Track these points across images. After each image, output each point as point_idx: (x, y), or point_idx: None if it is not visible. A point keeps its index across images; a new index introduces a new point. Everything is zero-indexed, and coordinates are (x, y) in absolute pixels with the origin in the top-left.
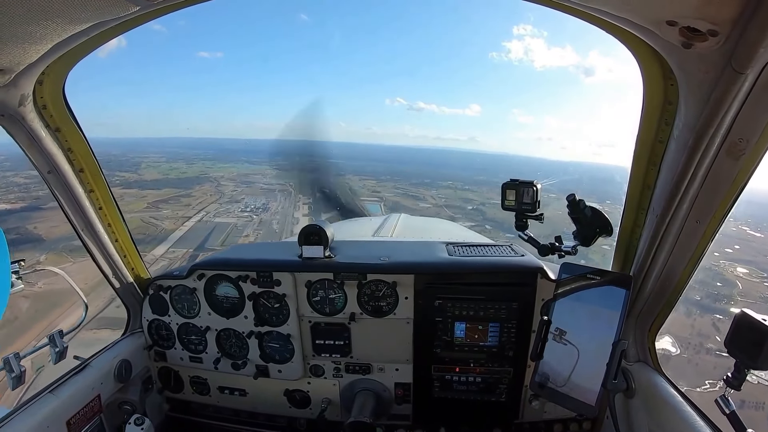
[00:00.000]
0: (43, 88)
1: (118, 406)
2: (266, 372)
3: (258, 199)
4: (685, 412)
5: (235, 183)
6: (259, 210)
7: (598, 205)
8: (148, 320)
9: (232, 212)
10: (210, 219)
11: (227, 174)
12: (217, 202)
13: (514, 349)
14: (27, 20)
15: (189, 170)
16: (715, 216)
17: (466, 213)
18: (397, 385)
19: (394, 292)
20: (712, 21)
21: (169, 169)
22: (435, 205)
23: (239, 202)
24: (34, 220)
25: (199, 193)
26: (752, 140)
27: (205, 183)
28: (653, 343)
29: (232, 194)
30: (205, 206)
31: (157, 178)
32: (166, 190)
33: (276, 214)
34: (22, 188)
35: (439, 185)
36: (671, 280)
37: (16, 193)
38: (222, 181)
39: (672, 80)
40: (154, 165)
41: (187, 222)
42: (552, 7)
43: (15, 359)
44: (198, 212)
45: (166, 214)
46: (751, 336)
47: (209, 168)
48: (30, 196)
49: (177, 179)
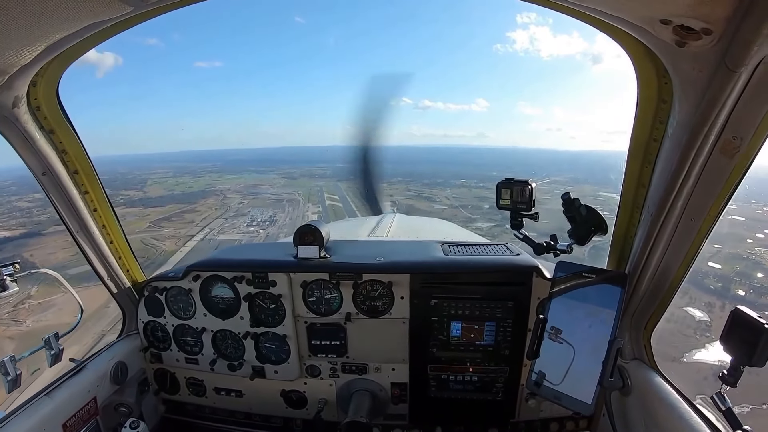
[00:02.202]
0: (37, 90)
1: (114, 408)
2: (262, 373)
3: (264, 211)
4: (681, 408)
5: (242, 195)
6: (266, 223)
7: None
8: (144, 322)
9: (238, 227)
10: (213, 237)
11: (234, 186)
12: (222, 217)
13: (510, 348)
14: (20, 21)
15: (195, 184)
16: (709, 214)
17: (483, 213)
18: (393, 384)
19: (389, 291)
20: (705, 19)
21: (175, 184)
22: (450, 206)
23: (245, 215)
24: (31, 247)
25: (204, 208)
26: (746, 138)
27: (210, 196)
28: (649, 340)
29: (239, 207)
30: (209, 222)
31: (162, 194)
32: (170, 207)
33: (284, 226)
34: (25, 213)
35: (452, 184)
36: (666, 278)
37: (18, 219)
38: (228, 194)
39: (666, 79)
40: (160, 181)
41: (189, 242)
42: (545, 6)
43: (11, 362)
44: (201, 230)
45: (167, 233)
46: (746, 333)
47: (216, 180)
48: (32, 221)
49: (182, 194)
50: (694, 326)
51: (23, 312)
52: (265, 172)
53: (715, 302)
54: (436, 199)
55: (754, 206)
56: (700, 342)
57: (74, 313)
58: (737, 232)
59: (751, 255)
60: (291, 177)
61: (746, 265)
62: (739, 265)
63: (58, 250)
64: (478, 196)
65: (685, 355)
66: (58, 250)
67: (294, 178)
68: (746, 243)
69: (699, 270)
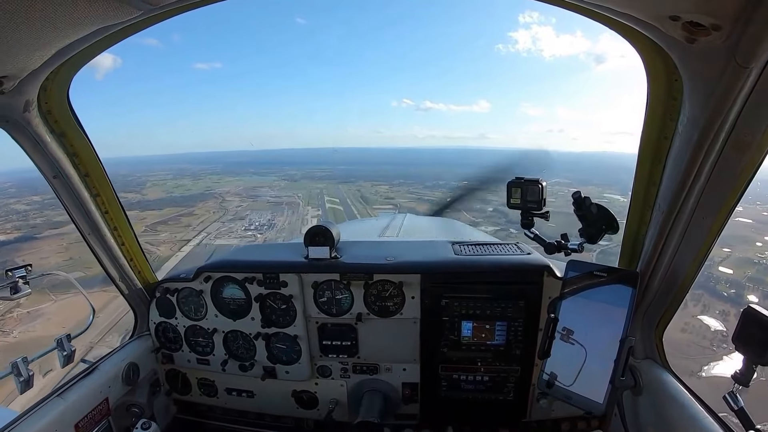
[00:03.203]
0: (48, 94)
1: (126, 408)
2: (274, 373)
3: (263, 214)
4: (694, 408)
5: (241, 197)
6: (264, 227)
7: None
8: (155, 323)
9: (235, 231)
10: (210, 242)
11: (233, 188)
12: (220, 221)
13: (522, 348)
14: (30, 27)
15: (194, 186)
16: (721, 212)
17: (487, 216)
18: (404, 385)
19: (400, 292)
20: (715, 15)
21: (174, 187)
22: (454, 209)
23: (243, 219)
24: (25, 251)
25: (202, 211)
26: (757, 135)
27: (209, 199)
28: (660, 339)
29: (237, 210)
30: (206, 226)
31: (160, 197)
32: (168, 210)
33: (282, 230)
34: (21, 216)
35: (455, 186)
36: (678, 277)
37: (14, 222)
38: (227, 197)
39: (676, 76)
40: (159, 183)
41: (184, 246)
42: (553, 4)
43: (23, 363)
44: (198, 234)
45: (163, 237)
46: (759, 332)
47: (216, 183)
48: (27, 224)
49: (181, 197)
50: (710, 337)
51: (11, 321)
52: (265, 174)
53: (729, 310)
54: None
55: (759, 208)
56: (718, 354)
57: (62, 323)
58: (746, 235)
59: (762, 259)
60: (292, 179)
61: (758, 270)
62: (751, 269)
63: (51, 254)
64: (482, 198)
65: (703, 368)
66: (51, 254)
67: (295, 180)
68: (756, 246)
69: (711, 275)
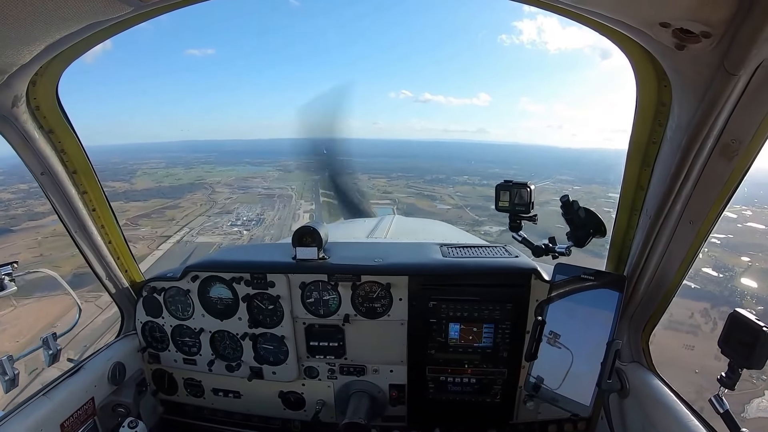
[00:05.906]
0: (37, 89)
1: (112, 408)
2: (260, 374)
3: (252, 207)
4: (679, 411)
5: (231, 189)
6: (252, 223)
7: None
8: (142, 322)
9: (220, 226)
10: (191, 239)
11: (225, 179)
12: (205, 215)
13: (509, 350)
14: (19, 21)
15: (185, 176)
16: (708, 217)
17: (491, 215)
18: (391, 386)
19: (388, 293)
20: (705, 23)
21: (165, 176)
22: (455, 206)
23: (231, 213)
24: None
25: (189, 203)
26: (745, 141)
27: (198, 190)
28: (647, 343)
29: (225, 203)
30: (190, 221)
31: (148, 187)
32: (153, 202)
33: (270, 227)
34: (3, 206)
35: (455, 181)
36: (665, 281)
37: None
38: (217, 188)
39: (665, 82)
40: (150, 172)
41: (162, 244)
42: (544, 9)
43: (8, 362)
44: (180, 229)
45: (143, 233)
46: (744, 335)
47: (208, 173)
48: (7, 215)
49: (170, 187)
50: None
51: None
52: (260, 164)
53: None
54: (439, 197)
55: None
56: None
57: (16, 336)
58: (762, 243)
59: None
60: (286, 170)
61: None
62: None
63: (23, 249)
64: (483, 195)
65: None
66: (23, 249)
67: (289, 171)
68: None
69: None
